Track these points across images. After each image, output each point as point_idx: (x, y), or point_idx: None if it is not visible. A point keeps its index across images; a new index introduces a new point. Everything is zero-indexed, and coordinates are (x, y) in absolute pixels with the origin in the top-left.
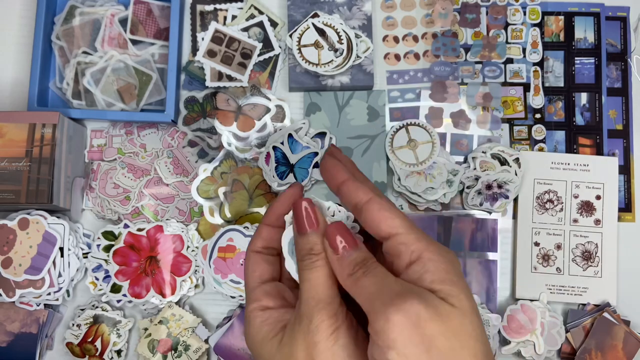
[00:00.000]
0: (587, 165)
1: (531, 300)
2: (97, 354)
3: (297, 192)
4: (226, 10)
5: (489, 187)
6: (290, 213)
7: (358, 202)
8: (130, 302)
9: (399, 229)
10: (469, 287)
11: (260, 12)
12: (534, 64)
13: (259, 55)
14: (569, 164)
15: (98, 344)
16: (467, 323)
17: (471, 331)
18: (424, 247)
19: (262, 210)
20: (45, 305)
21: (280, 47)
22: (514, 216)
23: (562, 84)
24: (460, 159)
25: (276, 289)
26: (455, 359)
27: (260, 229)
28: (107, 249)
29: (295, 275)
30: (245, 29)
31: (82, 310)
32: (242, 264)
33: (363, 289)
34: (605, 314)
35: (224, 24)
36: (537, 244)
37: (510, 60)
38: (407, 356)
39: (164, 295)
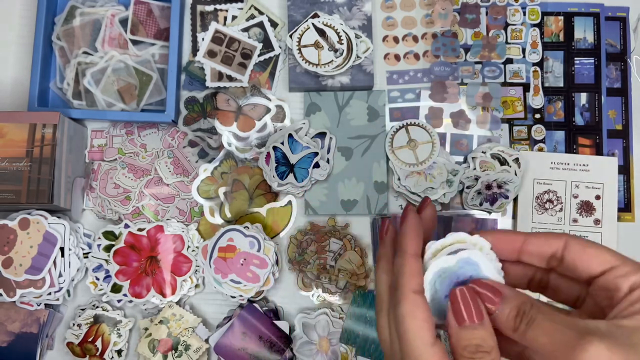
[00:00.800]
0: (587, 165)
1: None
2: (98, 353)
3: (416, 213)
4: (226, 11)
5: (488, 187)
6: (434, 245)
7: (554, 251)
8: (130, 302)
9: (613, 263)
10: None
11: (261, 13)
12: (534, 64)
13: (259, 56)
14: (568, 164)
15: (98, 343)
16: None
17: None
18: None
19: (262, 210)
20: (45, 305)
21: (281, 48)
22: (514, 216)
23: (561, 84)
24: (460, 159)
25: (443, 348)
26: None
27: (410, 263)
28: (107, 248)
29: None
30: (246, 29)
31: (83, 310)
32: (242, 264)
33: (534, 341)
34: None
35: (224, 24)
36: None
37: (510, 61)
38: None
39: (164, 295)
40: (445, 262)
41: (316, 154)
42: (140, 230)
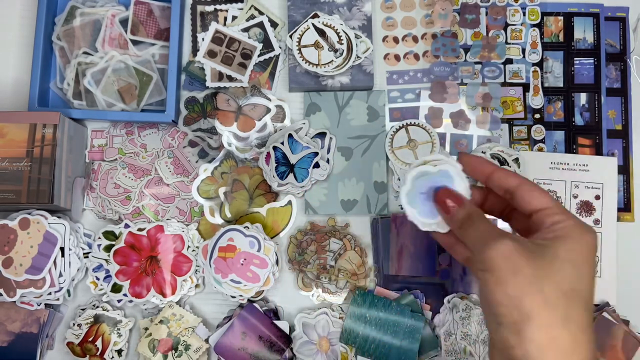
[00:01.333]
0: (587, 165)
1: None
2: (98, 353)
3: None
4: (226, 11)
5: None
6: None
7: (510, 186)
8: (130, 301)
9: (548, 204)
10: (586, 247)
11: (261, 13)
12: (534, 64)
13: (259, 56)
14: (568, 164)
15: (99, 343)
16: (556, 263)
17: (559, 269)
18: (565, 217)
19: (262, 210)
20: (46, 305)
21: (281, 48)
22: None
23: (561, 84)
24: None
25: None
26: (537, 284)
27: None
28: (107, 248)
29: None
30: (246, 30)
31: (83, 310)
32: (242, 264)
33: (469, 235)
34: (605, 314)
35: (224, 24)
36: None
37: (509, 61)
38: (500, 278)
39: (164, 295)
40: (429, 168)
41: (316, 154)
42: (140, 230)
